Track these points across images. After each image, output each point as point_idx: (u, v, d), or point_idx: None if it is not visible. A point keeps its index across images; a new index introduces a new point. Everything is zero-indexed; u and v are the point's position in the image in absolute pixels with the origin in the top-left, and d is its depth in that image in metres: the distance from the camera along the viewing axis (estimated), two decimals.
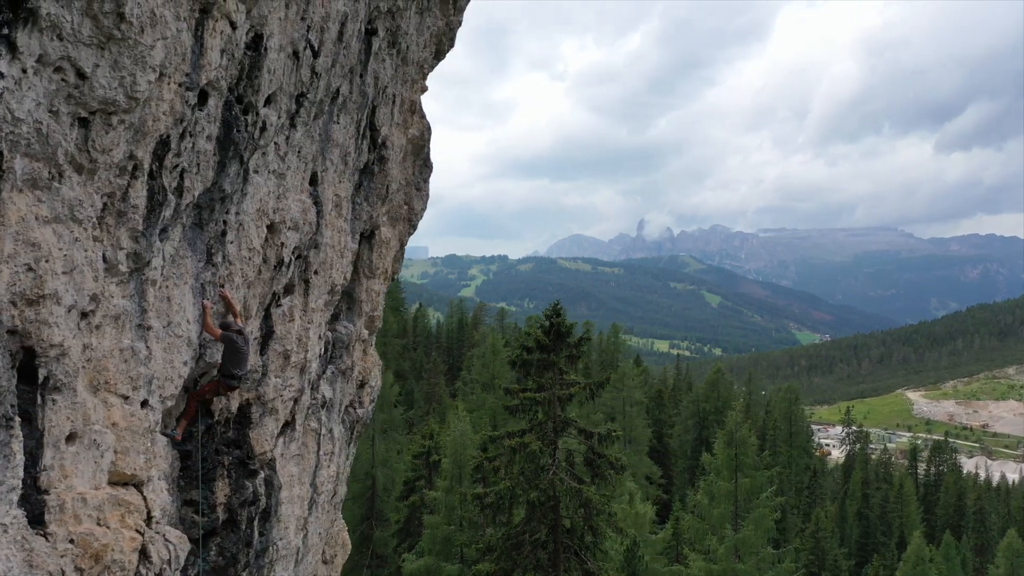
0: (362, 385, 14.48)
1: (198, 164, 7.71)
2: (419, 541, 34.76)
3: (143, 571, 6.69)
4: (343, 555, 15.65)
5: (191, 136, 7.49)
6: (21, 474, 5.22)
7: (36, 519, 5.64)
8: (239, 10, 7.67)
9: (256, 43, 8.31)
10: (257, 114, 8.66)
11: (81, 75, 5.70)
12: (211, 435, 9.31)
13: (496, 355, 55.92)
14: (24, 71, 5.20)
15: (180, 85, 7.08)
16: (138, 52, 6.09)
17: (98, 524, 6.26)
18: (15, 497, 5.13)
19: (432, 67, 14.44)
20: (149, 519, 7.21)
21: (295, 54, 9.13)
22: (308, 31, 9.31)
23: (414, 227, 14.92)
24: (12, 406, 5.07)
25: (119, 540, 6.38)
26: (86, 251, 6.24)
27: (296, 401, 10.76)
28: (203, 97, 7.70)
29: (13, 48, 5.09)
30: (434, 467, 38.98)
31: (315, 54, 9.61)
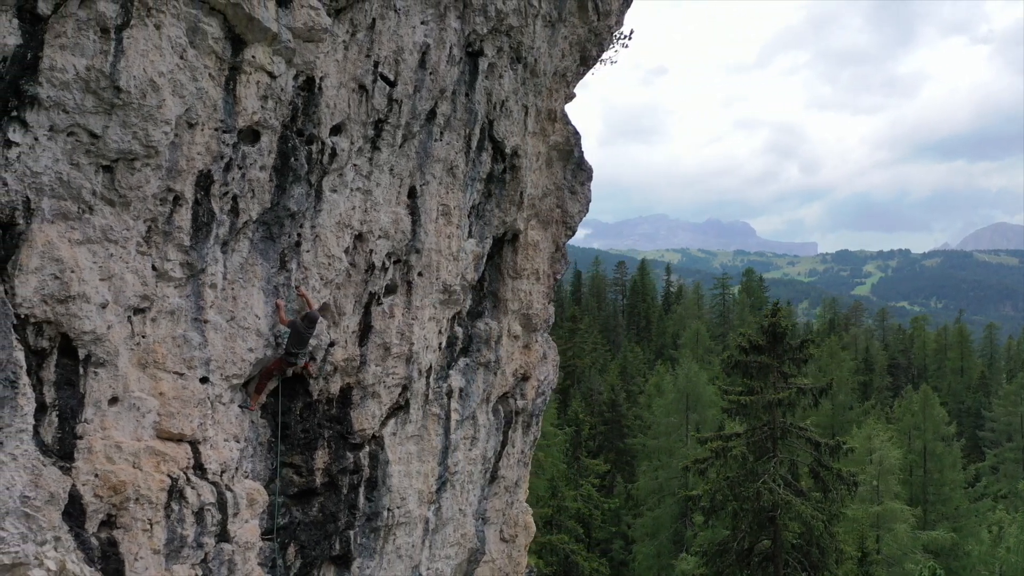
0: (525, 379, 15.49)
1: (252, 190, 9.57)
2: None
3: (174, 507, 8.71)
4: (526, 537, 16.80)
5: (239, 168, 9.35)
6: (32, 421, 7.41)
7: (67, 456, 7.89)
8: (274, 62, 9.35)
9: (309, 84, 9.96)
10: (323, 143, 10.31)
11: (93, 135, 7.79)
12: (312, 411, 11.23)
13: (832, 358, 51.89)
14: (36, 139, 7.39)
15: (216, 130, 8.98)
16: (145, 112, 8.04)
17: (132, 466, 8.38)
18: (25, 436, 7.32)
19: (579, 74, 14.90)
20: (202, 469, 9.24)
21: (361, 87, 10.60)
22: (377, 65, 10.71)
23: (571, 229, 15.50)
24: (14, 372, 7.24)
25: (148, 480, 8.44)
26: (127, 263, 8.39)
27: (406, 388, 12.24)
28: (255, 135, 9.54)
29: (24, 124, 7.30)
30: None
31: (391, 84, 10.98)
